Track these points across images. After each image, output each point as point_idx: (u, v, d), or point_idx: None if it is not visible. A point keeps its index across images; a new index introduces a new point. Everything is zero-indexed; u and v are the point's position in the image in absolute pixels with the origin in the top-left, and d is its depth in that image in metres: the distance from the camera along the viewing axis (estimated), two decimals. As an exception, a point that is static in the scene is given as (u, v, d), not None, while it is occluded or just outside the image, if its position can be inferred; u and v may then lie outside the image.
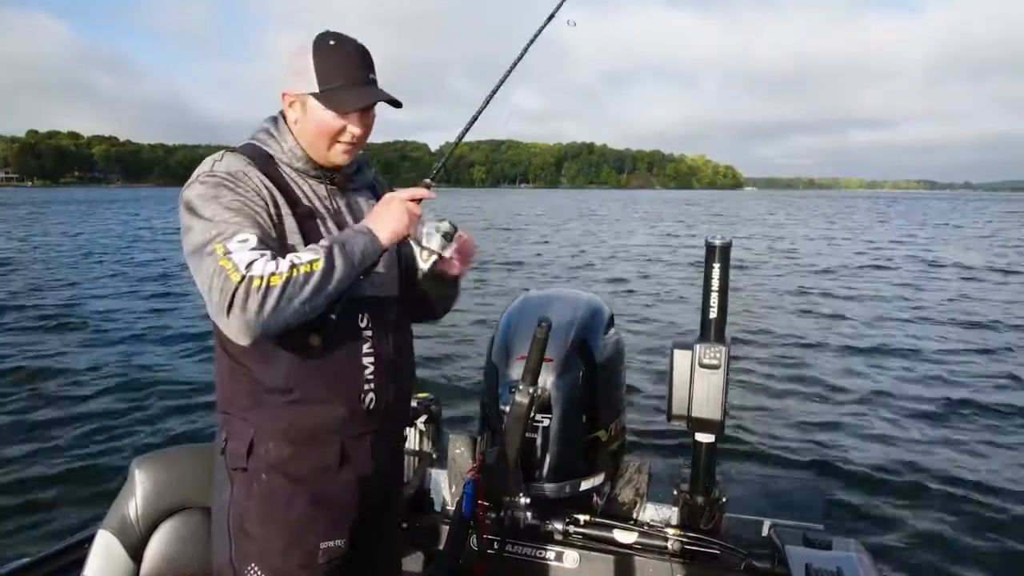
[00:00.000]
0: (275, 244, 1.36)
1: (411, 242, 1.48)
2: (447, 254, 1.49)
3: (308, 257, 1.31)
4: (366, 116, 1.48)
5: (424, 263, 1.49)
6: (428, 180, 1.51)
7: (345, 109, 1.42)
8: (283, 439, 1.45)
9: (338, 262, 1.32)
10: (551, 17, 1.72)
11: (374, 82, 1.47)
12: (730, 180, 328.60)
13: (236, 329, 1.27)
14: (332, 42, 1.44)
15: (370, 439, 1.52)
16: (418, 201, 1.45)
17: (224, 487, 1.51)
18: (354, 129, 1.46)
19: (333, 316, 1.37)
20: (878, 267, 17.97)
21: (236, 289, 1.24)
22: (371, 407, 1.50)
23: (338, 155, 1.49)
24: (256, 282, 1.25)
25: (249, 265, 1.26)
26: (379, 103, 1.48)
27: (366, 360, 1.48)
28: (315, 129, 1.45)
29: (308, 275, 1.28)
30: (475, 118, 1.58)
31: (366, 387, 1.48)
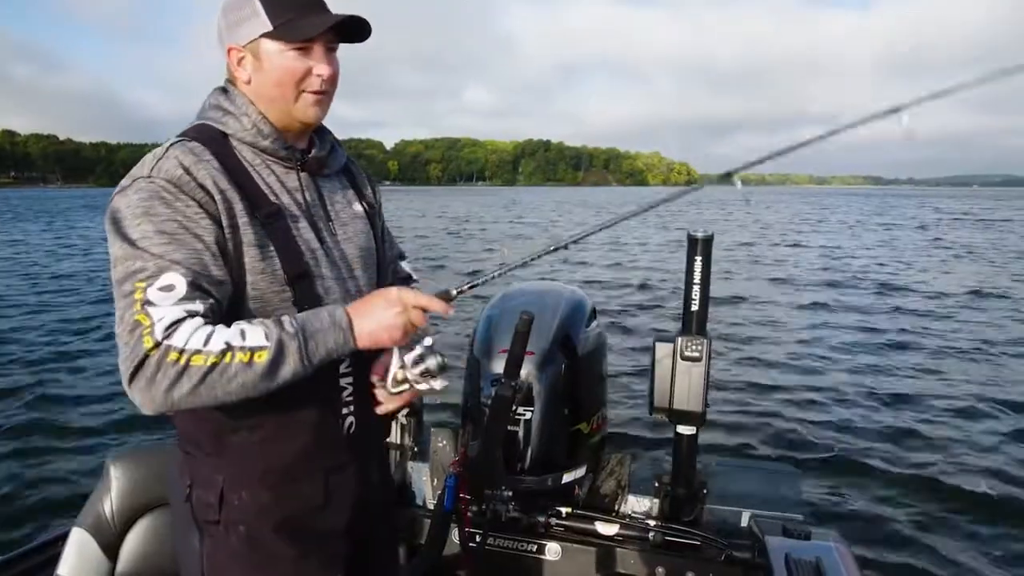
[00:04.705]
0: (220, 273, 1.14)
1: (394, 355, 1.27)
2: (421, 388, 1.27)
3: (253, 343, 1.08)
4: (331, 56, 1.26)
5: (393, 387, 1.29)
6: (453, 291, 1.25)
7: (309, 34, 1.20)
8: (259, 485, 1.26)
9: (290, 359, 1.10)
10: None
11: (329, 11, 1.25)
12: (684, 177, 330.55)
13: (138, 402, 1.07)
14: None
15: (355, 468, 1.35)
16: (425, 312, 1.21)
17: (191, 535, 1.30)
18: (321, 69, 1.23)
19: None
20: (858, 261, 18.18)
21: (146, 357, 1.03)
22: (351, 432, 1.33)
23: (308, 108, 1.25)
24: (172, 355, 1.03)
25: (170, 328, 1.04)
26: (341, 47, 1.28)
27: (344, 381, 1.30)
28: (276, 78, 1.22)
29: (244, 367, 1.06)
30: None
31: (344, 411, 1.31)
